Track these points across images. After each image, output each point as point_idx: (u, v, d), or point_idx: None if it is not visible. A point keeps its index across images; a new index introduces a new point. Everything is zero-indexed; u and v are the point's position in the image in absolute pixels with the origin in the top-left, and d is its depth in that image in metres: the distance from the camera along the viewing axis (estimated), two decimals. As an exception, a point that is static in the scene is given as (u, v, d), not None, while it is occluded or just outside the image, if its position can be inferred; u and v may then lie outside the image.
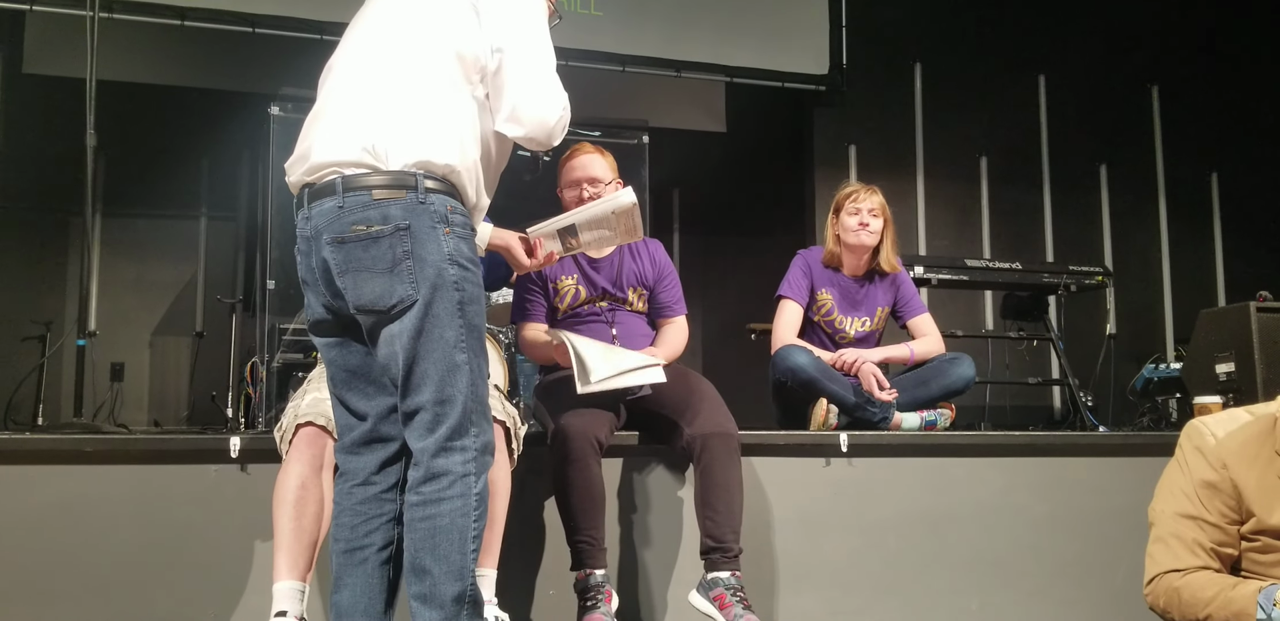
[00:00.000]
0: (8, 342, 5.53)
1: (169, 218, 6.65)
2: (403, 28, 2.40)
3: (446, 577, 2.19)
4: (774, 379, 3.93)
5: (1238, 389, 4.47)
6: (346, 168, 2.28)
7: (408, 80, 2.33)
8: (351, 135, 2.30)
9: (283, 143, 4.91)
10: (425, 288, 2.22)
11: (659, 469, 3.45)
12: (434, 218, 2.25)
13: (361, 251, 2.24)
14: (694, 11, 6.77)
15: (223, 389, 5.46)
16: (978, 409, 6.25)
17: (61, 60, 5.73)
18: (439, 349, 2.23)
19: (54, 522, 2.98)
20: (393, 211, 2.23)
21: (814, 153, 7.23)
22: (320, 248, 2.30)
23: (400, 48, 2.37)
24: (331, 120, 2.36)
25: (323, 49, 2.57)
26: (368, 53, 2.42)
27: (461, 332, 2.25)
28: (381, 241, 2.23)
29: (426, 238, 2.24)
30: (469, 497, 2.22)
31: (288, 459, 2.74)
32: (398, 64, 2.36)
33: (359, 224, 2.24)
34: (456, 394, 2.23)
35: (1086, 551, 3.79)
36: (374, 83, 2.35)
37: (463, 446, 2.24)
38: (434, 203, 2.26)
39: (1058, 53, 7.59)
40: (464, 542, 2.21)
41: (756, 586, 3.28)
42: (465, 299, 2.26)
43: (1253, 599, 1.91)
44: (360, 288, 2.25)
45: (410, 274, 2.22)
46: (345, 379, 2.41)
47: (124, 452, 3.08)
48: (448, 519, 2.20)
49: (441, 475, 2.22)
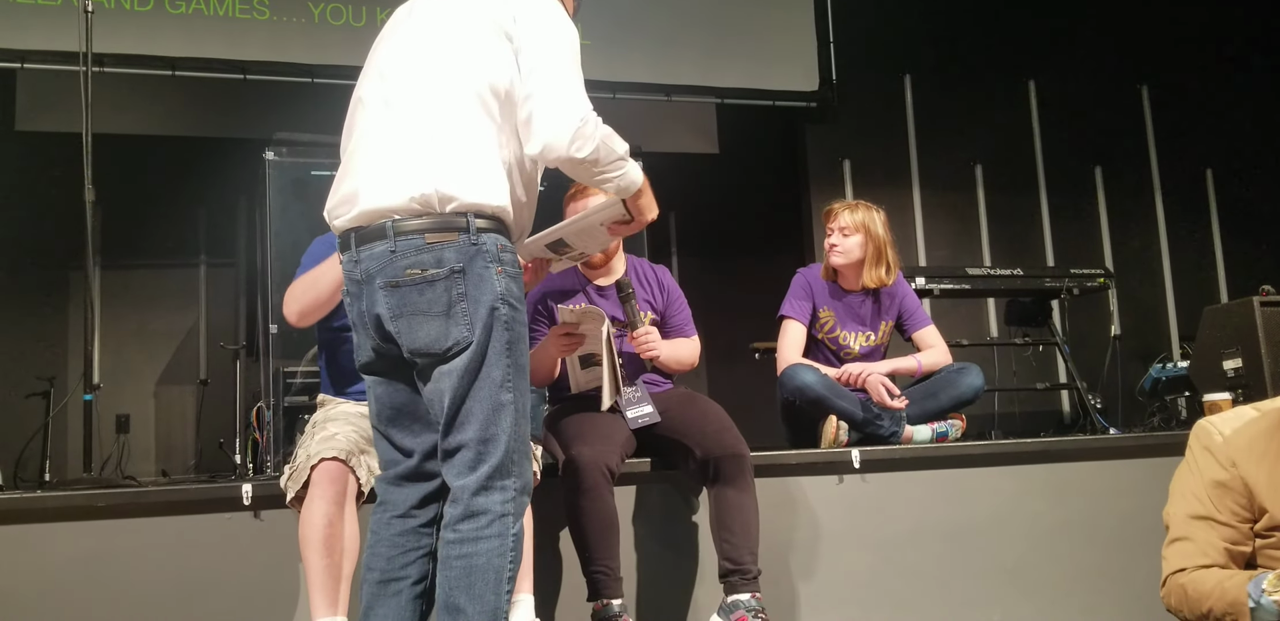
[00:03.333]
0: (11, 400, 5.53)
1: (168, 267, 6.66)
2: (436, 60, 2.36)
3: (480, 616, 2.17)
4: (782, 398, 3.93)
5: (1246, 384, 4.46)
6: (399, 212, 2.27)
7: (450, 119, 2.30)
8: (402, 180, 2.27)
9: (279, 187, 4.93)
10: (480, 328, 2.22)
11: (672, 494, 3.45)
12: (487, 258, 2.25)
13: (417, 295, 2.24)
14: (681, 35, 6.81)
15: (229, 435, 5.45)
16: (987, 417, 6.24)
17: (54, 116, 5.76)
18: (486, 388, 2.23)
19: (70, 580, 2.97)
20: (447, 255, 2.23)
21: (808, 169, 7.24)
22: (373, 292, 2.29)
23: (436, 83, 2.34)
24: (376, 162, 2.33)
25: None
26: (402, 87, 2.37)
27: (509, 372, 2.25)
28: (437, 285, 2.23)
29: (481, 279, 2.24)
30: (506, 538, 2.21)
31: (310, 496, 2.74)
32: (436, 101, 2.32)
33: (413, 268, 2.24)
34: (500, 433, 2.23)
35: (1105, 556, 3.77)
36: (415, 122, 2.32)
37: (504, 486, 2.23)
38: (486, 242, 2.25)
39: (1047, 57, 7.61)
40: (499, 583, 2.20)
41: (777, 607, 3.26)
42: (514, 338, 2.27)
43: (1245, 587, 1.91)
44: (415, 331, 2.25)
45: (466, 315, 2.22)
46: (391, 416, 2.41)
47: (136, 505, 3.07)
48: (484, 558, 2.19)
49: (481, 514, 2.21)
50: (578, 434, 3.19)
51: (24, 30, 5.54)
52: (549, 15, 2.37)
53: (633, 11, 6.70)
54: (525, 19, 2.35)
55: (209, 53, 5.86)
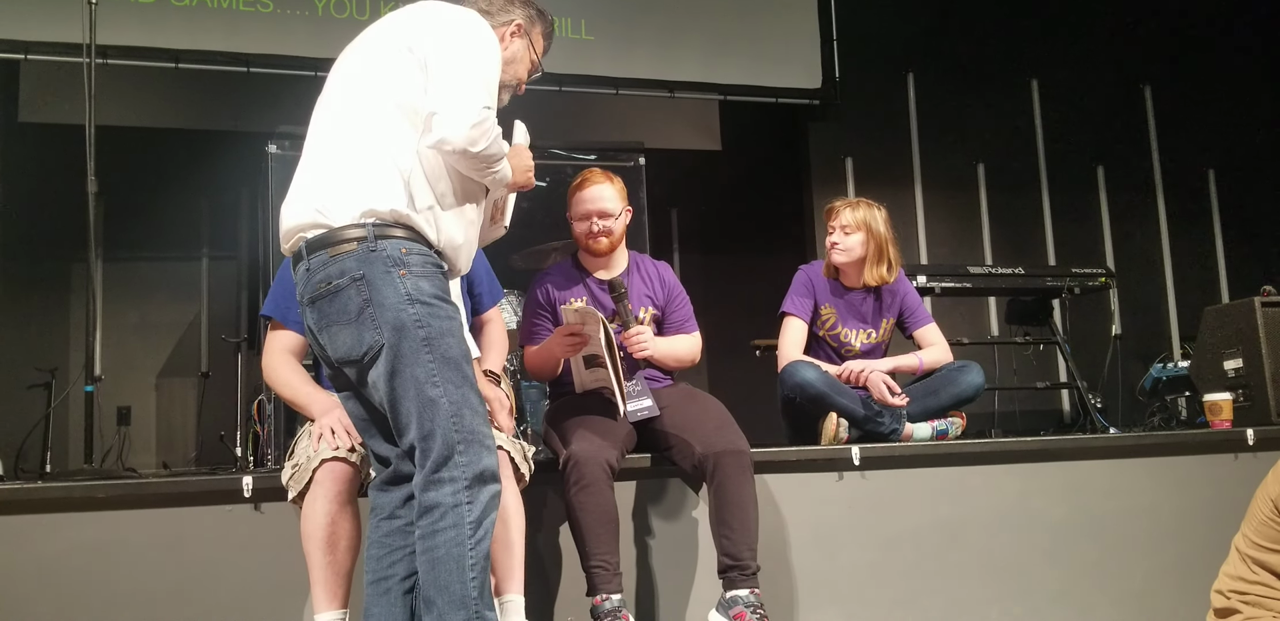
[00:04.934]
0: (13, 391, 5.54)
1: (170, 259, 6.67)
2: (348, 88, 2.50)
3: (449, 607, 2.24)
4: (782, 395, 3.93)
5: (1247, 384, 4.46)
6: (307, 231, 2.40)
7: (349, 138, 2.43)
8: (304, 200, 2.43)
9: (281, 180, 4.90)
10: (389, 331, 2.30)
11: (672, 490, 3.45)
12: (387, 263, 2.33)
13: (328, 306, 2.36)
14: (685, 31, 6.79)
15: (230, 428, 5.45)
16: (987, 415, 6.24)
17: (57, 108, 5.77)
18: (412, 387, 2.30)
19: (69, 570, 2.97)
20: (348, 264, 2.33)
21: (810, 167, 7.23)
22: (305, 311, 2.43)
23: (344, 108, 2.48)
24: (292, 189, 2.50)
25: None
26: (320, 118, 2.53)
27: (432, 369, 2.31)
28: (342, 294, 2.33)
29: (382, 283, 2.32)
30: (462, 527, 2.26)
31: (313, 495, 2.75)
32: (341, 125, 2.47)
33: (322, 282, 2.36)
34: (436, 428, 2.29)
35: (1103, 555, 3.78)
36: (321, 146, 2.48)
37: (450, 478, 2.28)
38: (385, 248, 2.34)
39: (1049, 56, 7.60)
40: (462, 572, 2.25)
41: (776, 604, 3.27)
42: (431, 335, 2.32)
43: None
44: (335, 341, 2.37)
45: (373, 320, 2.31)
46: (364, 427, 2.53)
47: (137, 497, 3.07)
48: (443, 550, 2.26)
49: (434, 508, 2.28)
50: (578, 429, 3.19)
51: (28, 21, 5.52)
52: (455, 28, 2.47)
53: (636, 7, 6.69)
54: (432, 34, 2.45)
55: (212, 45, 5.84)
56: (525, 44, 2.74)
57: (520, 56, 2.73)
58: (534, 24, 2.76)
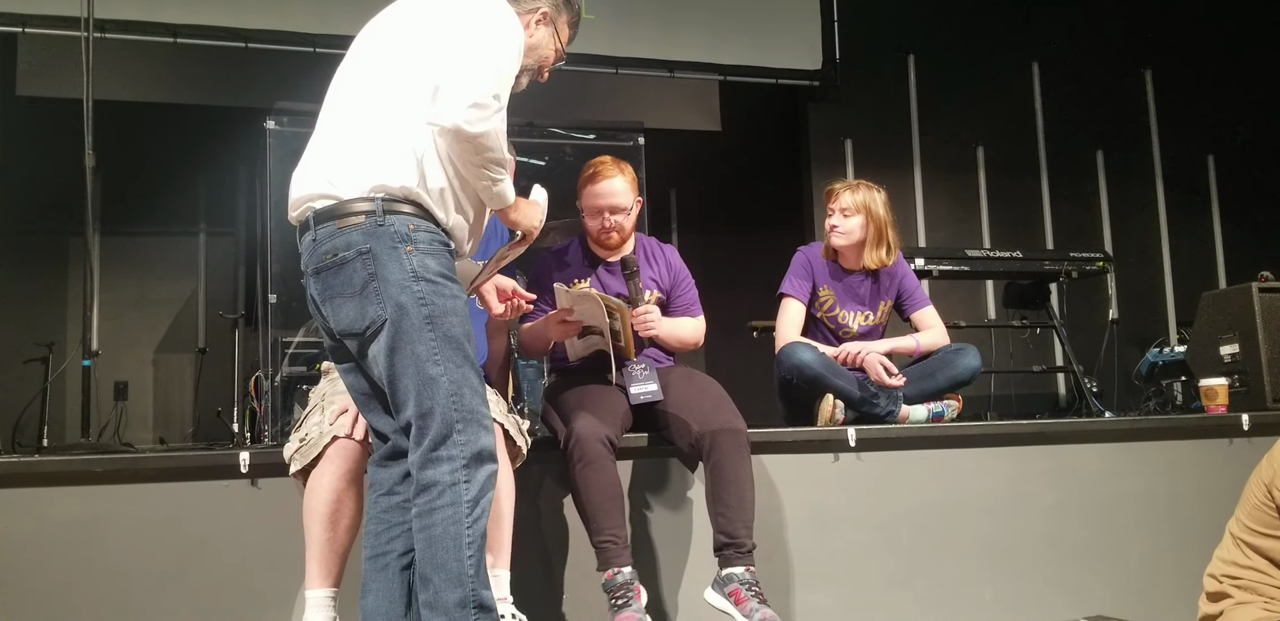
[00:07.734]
0: (10, 365, 5.53)
1: (168, 235, 6.66)
2: (368, 63, 2.52)
3: (446, 584, 2.26)
4: (779, 376, 3.93)
5: (1243, 370, 4.47)
6: (315, 201, 2.40)
7: (366, 113, 2.44)
8: (316, 171, 2.43)
9: (279, 157, 4.91)
10: (391, 306, 2.31)
11: (669, 468, 3.46)
12: (394, 238, 2.33)
13: (333, 278, 2.36)
14: (685, 11, 6.77)
15: (227, 404, 5.46)
16: (983, 398, 6.25)
17: (55, 81, 5.73)
18: (412, 364, 2.30)
19: (65, 544, 2.98)
20: (354, 237, 2.34)
21: (810, 148, 7.22)
22: (309, 281, 2.43)
23: (363, 83, 2.49)
24: (304, 160, 2.50)
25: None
26: (337, 91, 2.54)
27: (434, 346, 2.31)
28: (347, 267, 2.34)
29: (388, 258, 2.32)
30: (460, 505, 2.28)
31: (320, 471, 2.76)
32: (359, 100, 2.47)
33: (328, 253, 2.36)
34: (435, 406, 2.30)
35: (1098, 538, 3.79)
36: (337, 119, 2.49)
37: (449, 456, 2.29)
38: (393, 223, 2.34)
39: (1051, 40, 7.58)
40: (459, 549, 2.26)
41: (771, 583, 3.28)
42: (434, 313, 2.32)
43: None
44: (337, 313, 2.37)
45: (377, 295, 2.32)
46: (363, 401, 2.53)
47: (133, 471, 3.08)
48: (440, 528, 2.27)
49: (431, 486, 2.29)
50: (578, 407, 3.21)
51: (25, -7, 5.50)
52: (479, 13, 2.46)
53: (637, -14, 6.67)
54: (455, 17, 2.45)
55: (211, 20, 5.81)
56: (550, 32, 2.73)
57: (544, 43, 2.72)
58: (560, 12, 2.75)
